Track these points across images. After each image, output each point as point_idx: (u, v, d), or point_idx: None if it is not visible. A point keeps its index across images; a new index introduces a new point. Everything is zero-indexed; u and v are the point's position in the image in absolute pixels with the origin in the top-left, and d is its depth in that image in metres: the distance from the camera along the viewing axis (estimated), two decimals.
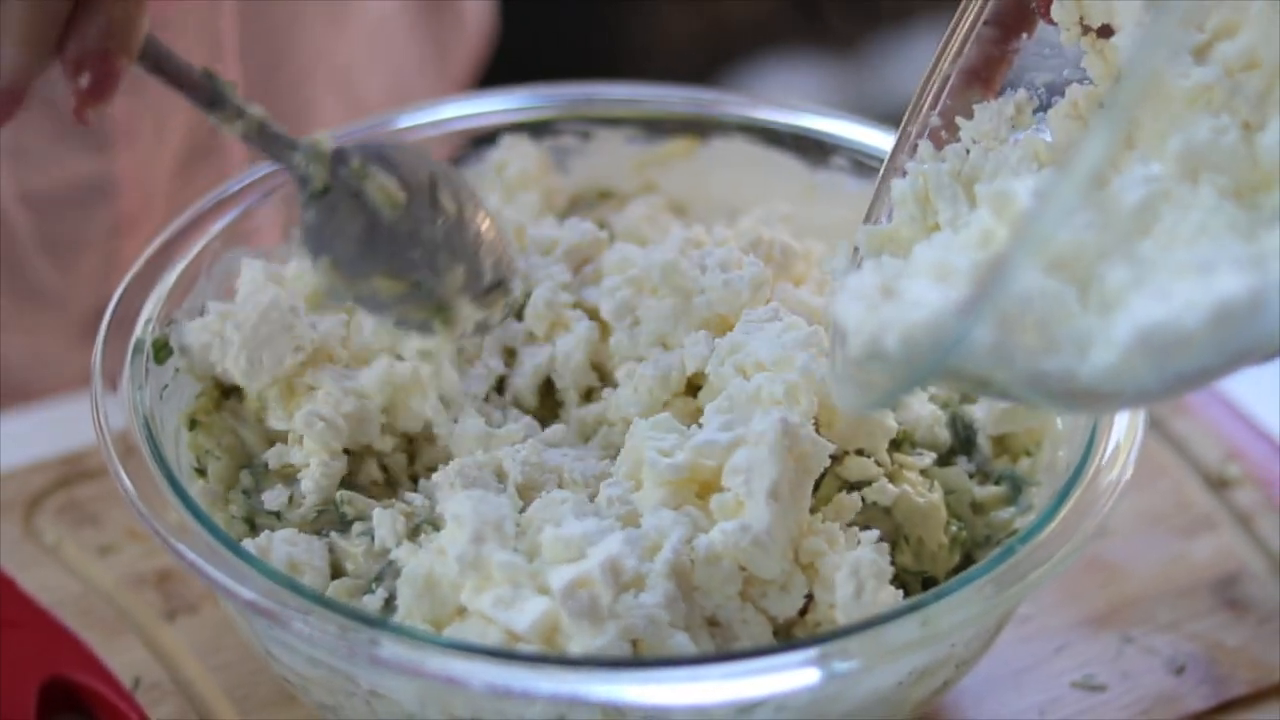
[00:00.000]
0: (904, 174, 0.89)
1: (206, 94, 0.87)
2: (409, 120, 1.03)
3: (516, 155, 1.04)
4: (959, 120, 0.89)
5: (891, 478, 0.89)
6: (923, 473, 0.91)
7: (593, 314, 0.95)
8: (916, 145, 0.90)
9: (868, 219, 0.91)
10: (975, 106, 0.89)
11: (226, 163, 1.21)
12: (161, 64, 0.86)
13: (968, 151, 0.88)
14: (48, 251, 1.18)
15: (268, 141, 0.88)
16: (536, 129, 1.05)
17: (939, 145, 0.89)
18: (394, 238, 0.89)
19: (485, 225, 0.91)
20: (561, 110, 1.05)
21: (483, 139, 1.05)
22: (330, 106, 1.24)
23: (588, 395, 0.94)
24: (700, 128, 1.05)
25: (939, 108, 0.90)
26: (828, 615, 0.84)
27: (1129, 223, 0.76)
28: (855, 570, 0.82)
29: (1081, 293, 0.75)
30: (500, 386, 0.95)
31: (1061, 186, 0.70)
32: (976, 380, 0.77)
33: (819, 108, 1.05)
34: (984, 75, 0.90)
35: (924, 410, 0.92)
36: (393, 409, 0.91)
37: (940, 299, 0.75)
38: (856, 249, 0.89)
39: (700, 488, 0.85)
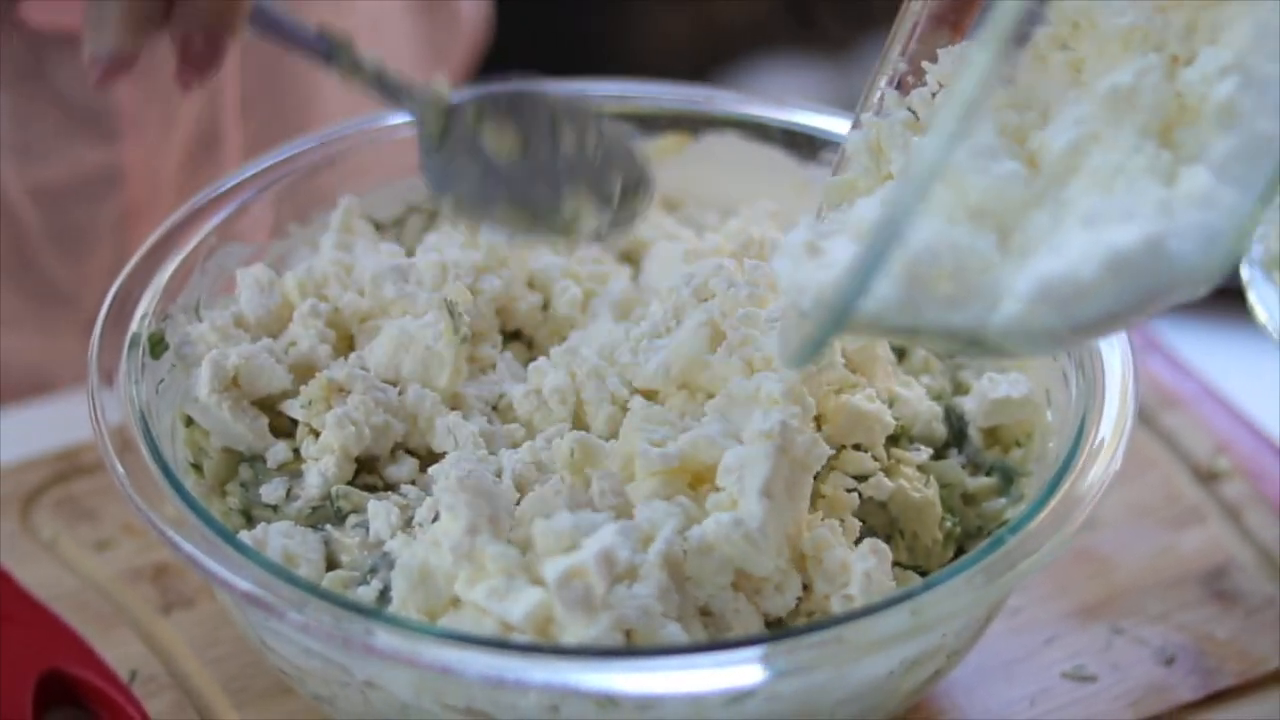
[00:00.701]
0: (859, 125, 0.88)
1: (322, 51, 0.91)
2: (401, 118, 1.03)
3: None
4: (925, 65, 0.88)
5: (888, 472, 0.90)
6: (919, 468, 0.91)
7: None
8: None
9: (835, 172, 0.91)
10: (940, 51, 0.88)
11: (235, 152, 1.22)
12: (273, 27, 0.89)
13: (933, 96, 0.87)
14: (58, 246, 1.18)
15: (387, 91, 0.92)
16: None
17: (905, 92, 0.88)
18: (513, 177, 0.93)
19: (609, 142, 0.94)
20: None
21: None
22: (333, 98, 1.24)
23: None
24: (692, 124, 1.05)
25: (907, 53, 0.89)
26: (822, 605, 0.84)
27: (1057, 166, 0.77)
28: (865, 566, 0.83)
29: (1002, 240, 0.75)
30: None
31: (934, 135, 0.70)
32: (902, 331, 0.78)
33: (810, 104, 1.05)
34: (952, 18, 0.89)
35: (921, 406, 0.93)
36: (412, 432, 0.92)
37: (849, 257, 0.76)
38: (820, 205, 0.89)
39: (692, 478, 0.85)
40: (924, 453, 0.92)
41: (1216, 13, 0.80)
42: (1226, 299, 1.16)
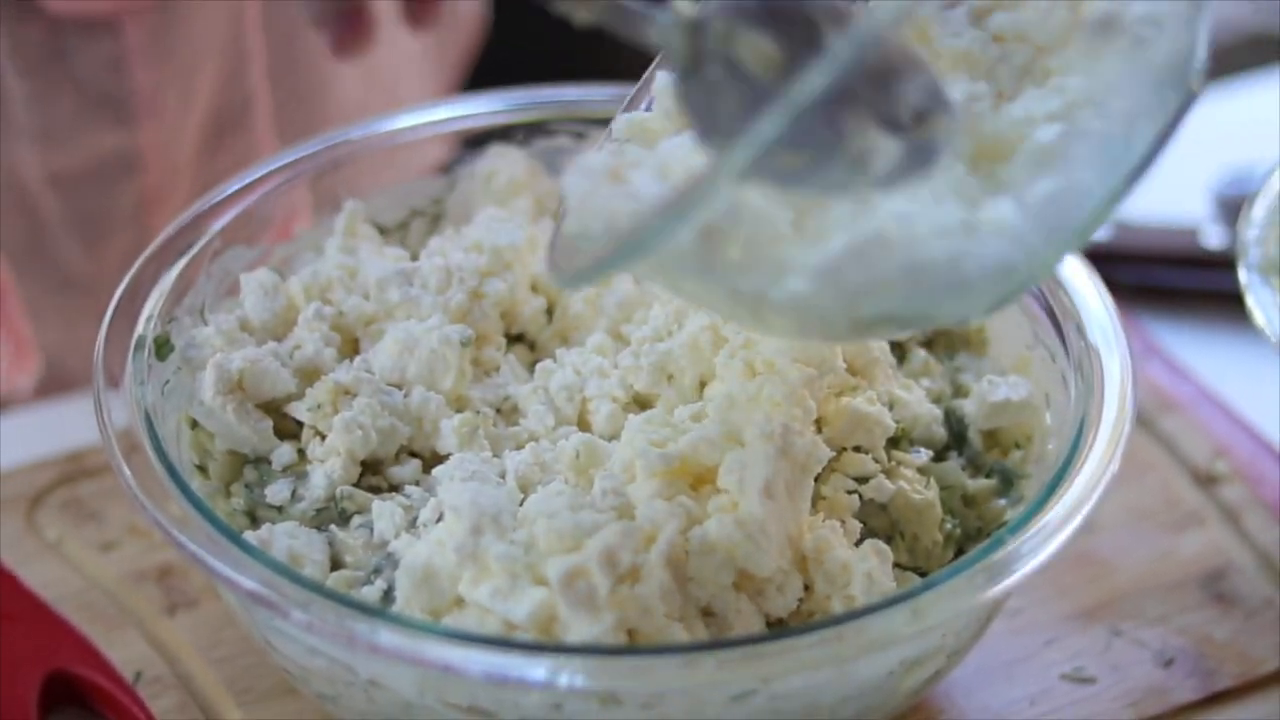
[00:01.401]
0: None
1: None
2: (404, 121, 1.04)
3: (504, 163, 1.05)
4: None
5: (888, 475, 0.90)
6: (920, 470, 0.92)
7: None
8: None
9: (629, 106, 0.89)
10: None
11: (252, 136, 1.22)
12: None
13: None
14: (77, 234, 1.18)
15: (622, 20, 0.79)
16: (530, 130, 1.06)
17: None
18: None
19: (887, 50, 0.78)
20: (554, 112, 1.06)
21: (476, 140, 1.06)
22: (349, 81, 1.25)
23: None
24: None
25: None
26: (823, 606, 0.85)
27: None
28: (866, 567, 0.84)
29: (799, 218, 0.76)
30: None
31: (768, 119, 0.70)
32: (685, 281, 0.78)
33: None
34: None
35: (921, 409, 0.93)
36: (416, 434, 0.92)
37: (653, 195, 0.76)
38: (610, 133, 0.88)
39: (694, 480, 0.86)
40: (924, 455, 0.92)
41: (1054, 59, 0.81)
42: (1225, 303, 1.17)
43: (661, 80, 0.88)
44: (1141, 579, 1.01)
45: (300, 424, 0.93)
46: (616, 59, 0.97)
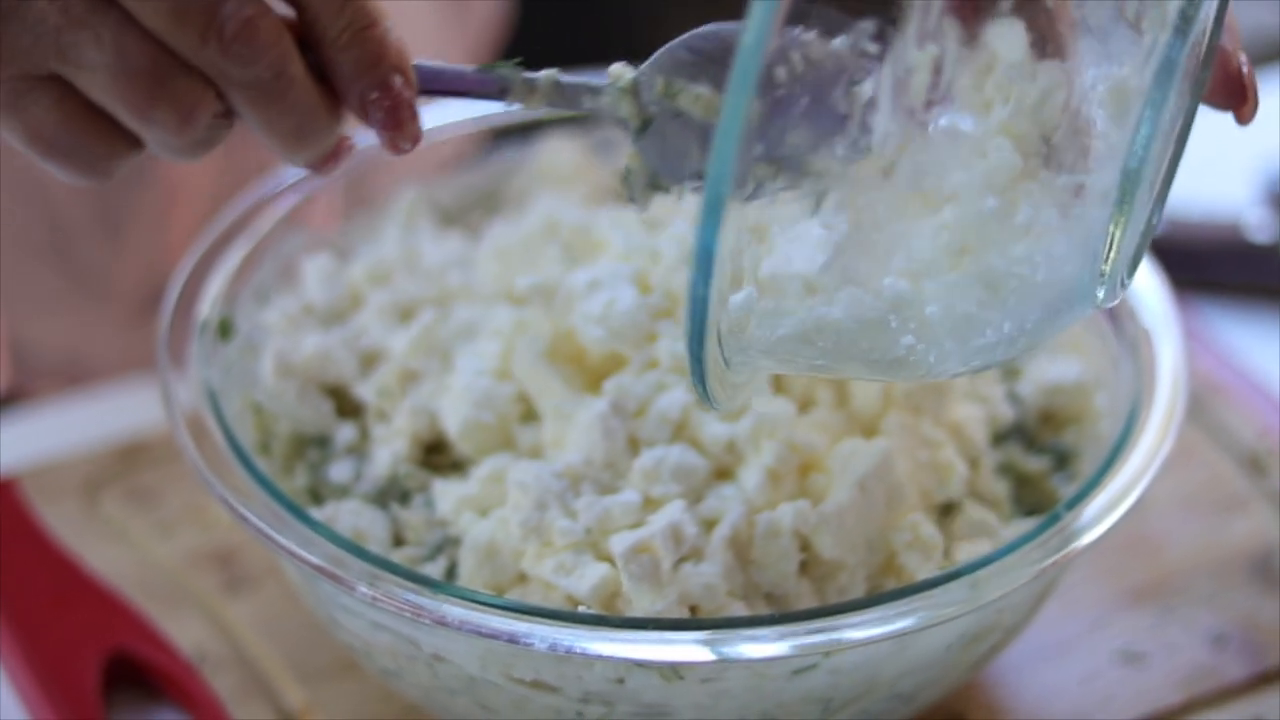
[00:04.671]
0: None
1: (494, 89, 0.80)
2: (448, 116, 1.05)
3: (556, 154, 1.06)
4: None
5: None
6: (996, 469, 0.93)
7: None
8: None
9: None
10: None
11: None
12: (433, 84, 0.79)
13: None
14: (96, 229, 1.19)
15: (569, 98, 0.81)
16: (581, 119, 1.06)
17: None
18: None
19: (815, 52, 0.78)
20: None
21: (516, 130, 1.07)
22: None
23: None
24: None
25: None
26: None
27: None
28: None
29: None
30: None
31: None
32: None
33: None
34: None
35: (992, 390, 0.95)
36: None
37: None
38: None
39: (804, 465, 0.87)
40: (998, 454, 0.93)
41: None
42: (1272, 295, 1.18)
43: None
44: (1190, 560, 1.02)
45: (361, 403, 0.94)
46: (643, 40, 0.97)
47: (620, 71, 0.81)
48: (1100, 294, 0.78)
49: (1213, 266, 1.21)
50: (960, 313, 0.76)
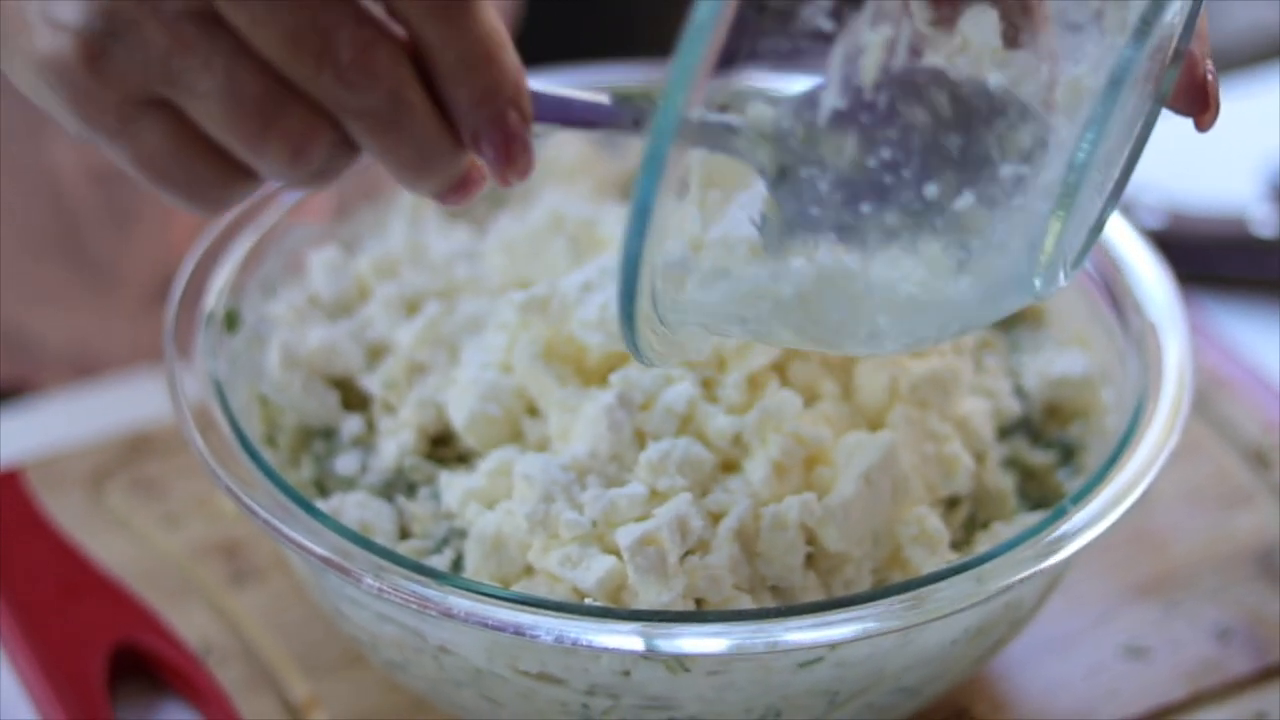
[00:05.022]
0: None
1: (627, 121, 0.76)
2: None
3: (562, 148, 1.06)
4: None
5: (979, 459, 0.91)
6: (1002, 463, 0.93)
7: None
8: None
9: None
10: None
11: None
12: (558, 114, 0.75)
13: None
14: (105, 221, 1.19)
15: (706, 137, 0.76)
16: None
17: None
18: (874, 182, 0.76)
19: (985, 96, 0.76)
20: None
21: None
22: None
23: None
24: None
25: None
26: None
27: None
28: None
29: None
30: None
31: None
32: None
33: None
34: None
35: (999, 384, 0.95)
36: None
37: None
38: None
39: (809, 458, 0.87)
40: (1004, 448, 0.94)
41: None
42: (1276, 289, 1.18)
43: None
44: (1196, 555, 1.02)
45: (367, 395, 0.94)
46: (653, 36, 0.97)
47: (760, 114, 0.76)
48: (1038, 284, 0.77)
49: (1218, 261, 1.21)
50: (900, 290, 0.76)
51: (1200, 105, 0.80)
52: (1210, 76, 0.80)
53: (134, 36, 0.70)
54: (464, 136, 0.72)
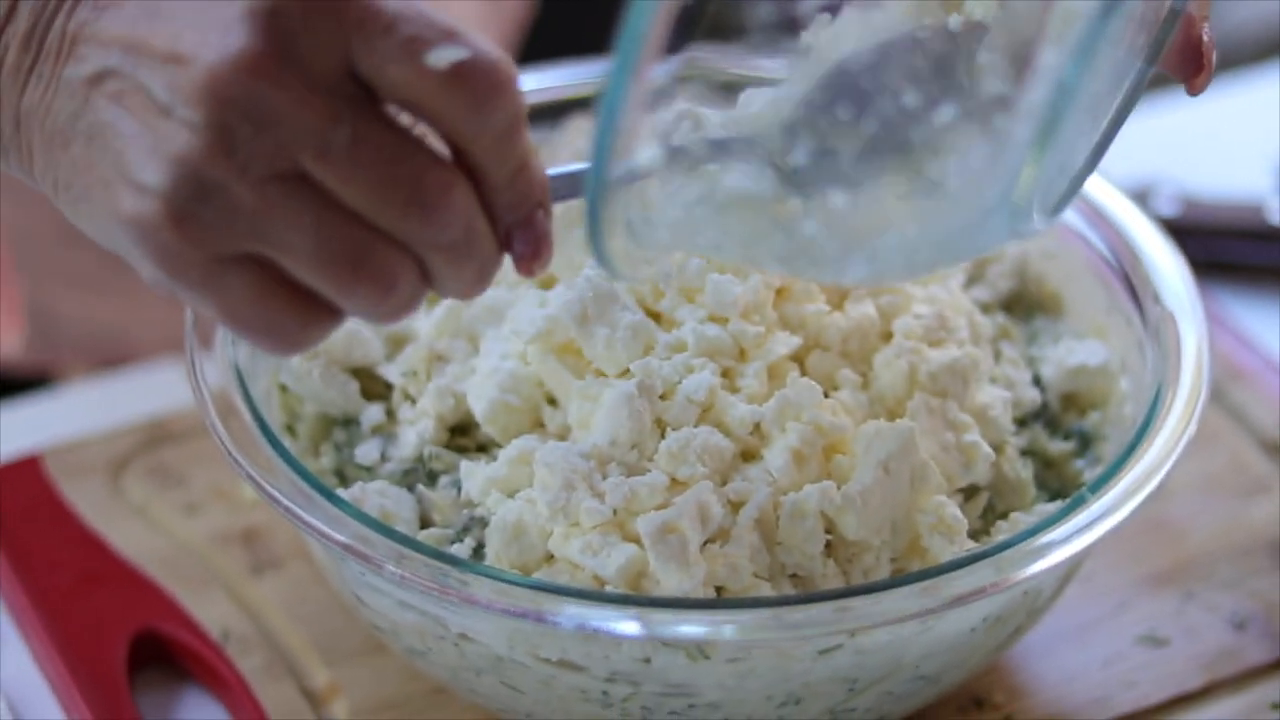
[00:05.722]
0: None
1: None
2: None
3: (582, 134, 1.06)
4: None
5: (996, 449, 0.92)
6: (1021, 452, 0.93)
7: None
8: None
9: None
10: None
11: None
12: (573, 189, 0.78)
13: None
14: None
15: (718, 156, 0.79)
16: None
17: None
18: (853, 89, 0.77)
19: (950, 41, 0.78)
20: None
21: (545, 111, 1.06)
22: None
23: None
24: None
25: None
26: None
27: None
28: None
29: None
30: None
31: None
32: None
33: None
34: None
35: (1018, 374, 0.95)
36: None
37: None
38: None
39: (829, 446, 0.87)
40: (1023, 438, 0.94)
41: None
42: None
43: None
44: (1212, 544, 1.02)
45: (388, 385, 0.95)
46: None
47: (764, 116, 0.79)
48: (1009, 218, 0.76)
49: (1233, 250, 1.21)
50: (867, 203, 0.76)
51: (1194, 67, 0.80)
52: (1207, 38, 0.80)
53: (221, 198, 0.71)
54: (496, 233, 0.75)
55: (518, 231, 0.76)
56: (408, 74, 0.71)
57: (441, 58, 0.71)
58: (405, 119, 0.73)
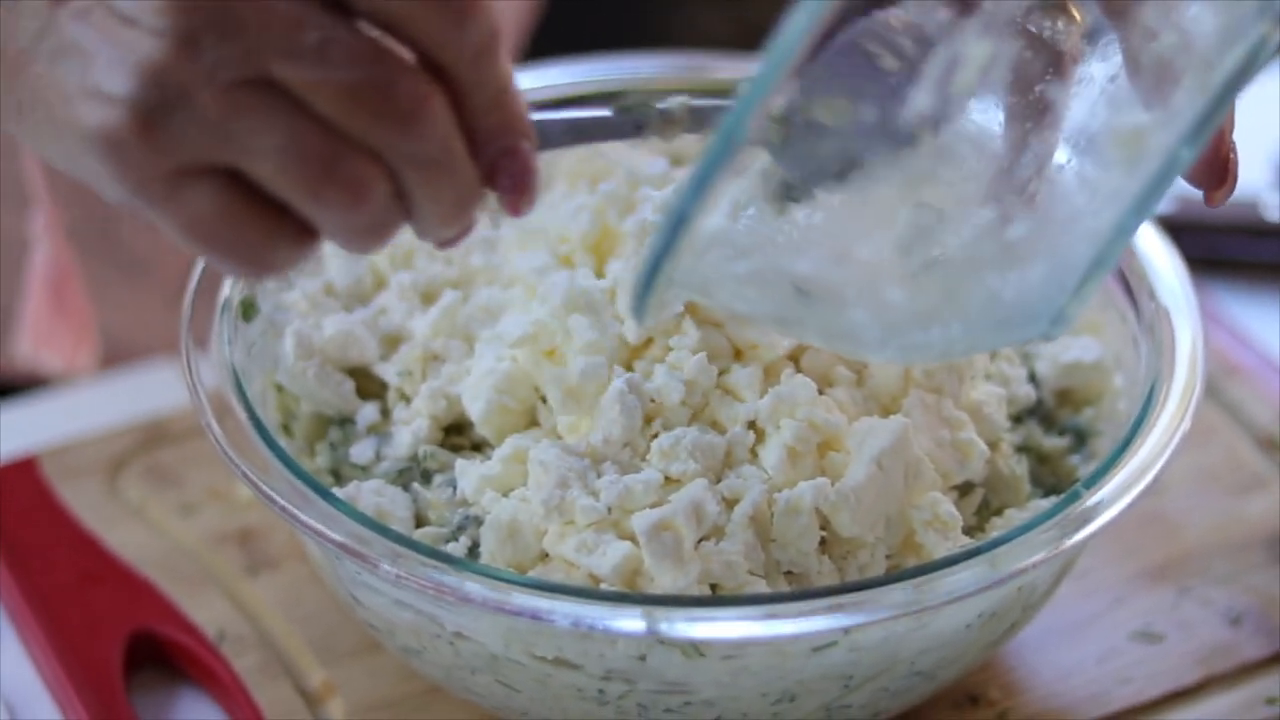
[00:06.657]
0: None
1: (629, 126, 0.81)
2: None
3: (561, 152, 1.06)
4: None
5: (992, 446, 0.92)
6: (1016, 449, 0.93)
7: None
8: None
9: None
10: None
11: None
12: (571, 135, 0.81)
13: None
14: (141, 216, 1.20)
15: (703, 123, 0.81)
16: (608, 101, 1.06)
17: None
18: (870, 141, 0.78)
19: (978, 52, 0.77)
20: (621, 84, 1.06)
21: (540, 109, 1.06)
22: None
23: None
24: None
25: None
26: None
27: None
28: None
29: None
30: None
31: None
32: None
33: None
34: None
35: (1013, 371, 0.95)
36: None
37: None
38: None
39: (824, 442, 0.87)
40: (1018, 434, 0.94)
41: None
42: None
43: None
44: (1208, 540, 1.02)
45: (383, 384, 0.95)
46: (675, 27, 0.97)
47: (747, 89, 0.76)
48: (1048, 326, 0.78)
49: (1229, 246, 1.21)
50: (917, 305, 0.76)
51: (1218, 180, 0.81)
52: (1233, 154, 0.80)
53: (188, 105, 0.70)
54: (480, 167, 0.74)
55: (502, 162, 0.74)
56: None
57: None
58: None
